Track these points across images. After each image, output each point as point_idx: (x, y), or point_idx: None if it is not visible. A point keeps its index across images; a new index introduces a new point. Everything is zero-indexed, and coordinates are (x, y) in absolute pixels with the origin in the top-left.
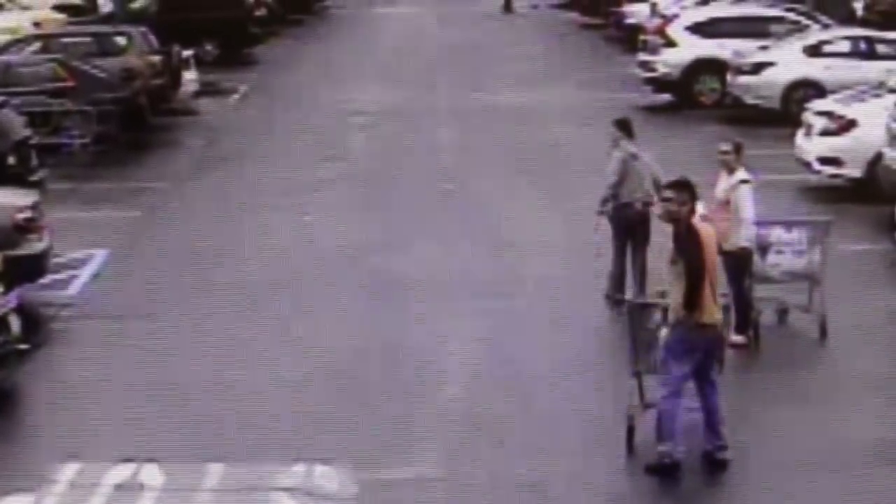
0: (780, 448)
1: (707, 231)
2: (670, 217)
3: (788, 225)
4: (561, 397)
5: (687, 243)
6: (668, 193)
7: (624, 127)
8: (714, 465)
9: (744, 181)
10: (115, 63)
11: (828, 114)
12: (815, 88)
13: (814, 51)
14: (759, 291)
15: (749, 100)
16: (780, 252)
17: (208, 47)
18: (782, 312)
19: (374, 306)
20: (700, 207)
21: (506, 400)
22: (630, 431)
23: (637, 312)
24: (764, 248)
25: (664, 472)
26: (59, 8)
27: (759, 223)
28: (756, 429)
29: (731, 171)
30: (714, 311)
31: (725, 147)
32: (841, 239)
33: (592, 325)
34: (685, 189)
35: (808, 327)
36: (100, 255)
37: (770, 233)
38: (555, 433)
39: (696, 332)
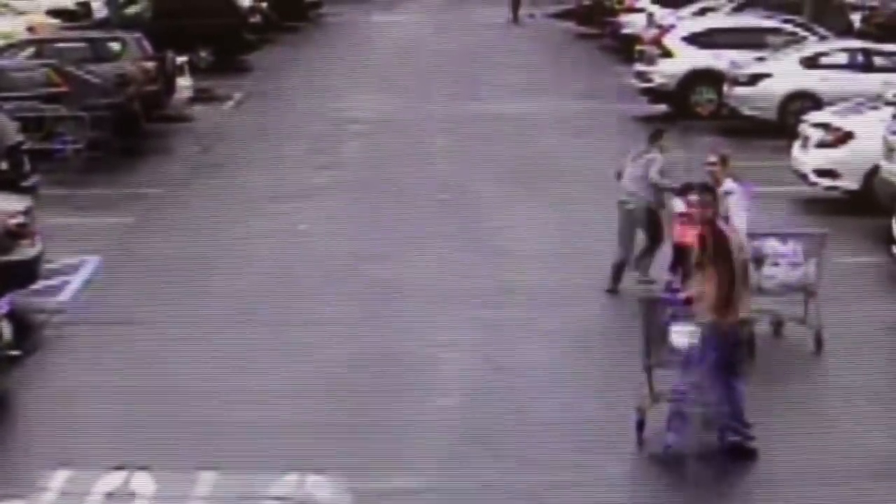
0: (775, 460)
1: (734, 232)
2: (700, 220)
3: (784, 237)
4: (556, 406)
5: (717, 247)
6: (694, 197)
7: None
8: (743, 455)
9: (727, 193)
10: (110, 69)
11: (824, 126)
12: (811, 100)
13: (811, 62)
14: (754, 303)
15: (745, 111)
16: (775, 264)
17: (203, 54)
18: (777, 324)
19: (368, 315)
20: (678, 205)
21: (501, 409)
22: (640, 425)
23: (649, 307)
24: (759, 260)
25: (671, 461)
26: (53, 13)
27: (755, 235)
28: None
29: (717, 182)
30: (743, 307)
31: (712, 158)
32: (837, 251)
33: (588, 333)
34: (708, 191)
35: (803, 340)
36: (92, 261)
37: (765, 244)
38: (550, 443)
39: (728, 328)
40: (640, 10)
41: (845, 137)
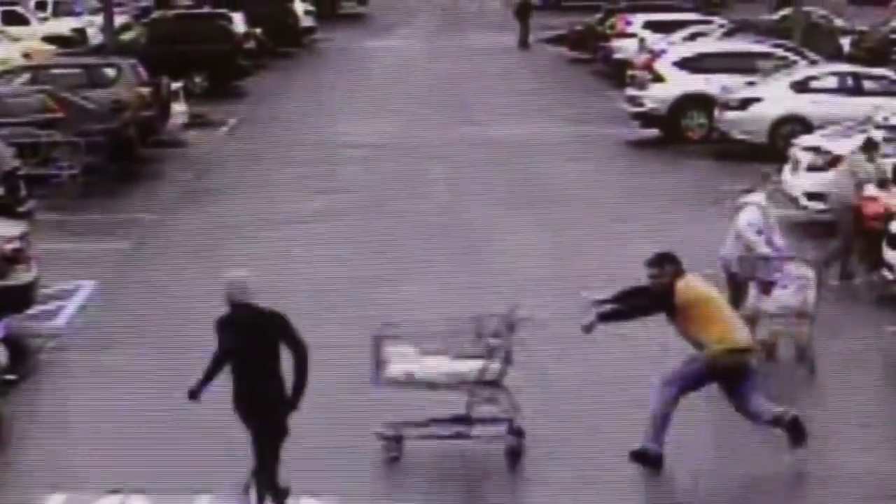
0: (770, 482)
1: (700, 285)
2: (658, 290)
3: (797, 261)
4: (557, 431)
5: (682, 302)
6: (651, 271)
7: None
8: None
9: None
10: (105, 94)
11: (815, 149)
12: (801, 124)
13: (801, 86)
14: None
15: (736, 135)
16: (784, 287)
17: (197, 79)
18: (772, 346)
19: (364, 340)
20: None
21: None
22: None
23: (377, 342)
24: (768, 284)
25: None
26: (48, 39)
27: (777, 258)
28: (746, 463)
29: None
30: (736, 338)
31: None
32: (827, 274)
33: (586, 359)
34: (656, 264)
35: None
36: (87, 286)
37: (785, 268)
38: (550, 468)
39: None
40: (632, 36)
41: (835, 161)
